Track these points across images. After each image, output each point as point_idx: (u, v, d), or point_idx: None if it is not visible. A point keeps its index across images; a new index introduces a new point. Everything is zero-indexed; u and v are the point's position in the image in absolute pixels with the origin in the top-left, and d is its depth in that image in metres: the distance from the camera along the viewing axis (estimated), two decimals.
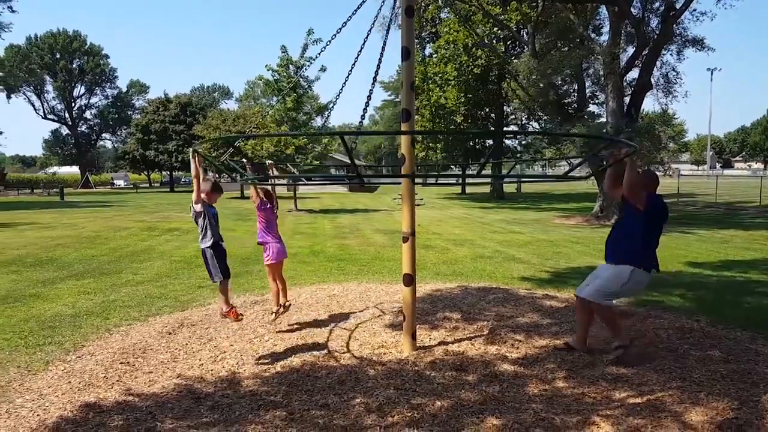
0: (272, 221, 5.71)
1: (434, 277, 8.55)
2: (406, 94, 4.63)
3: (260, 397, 3.92)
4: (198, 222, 4.90)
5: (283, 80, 21.67)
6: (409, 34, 4.62)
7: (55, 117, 75.68)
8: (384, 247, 12.19)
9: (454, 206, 27.45)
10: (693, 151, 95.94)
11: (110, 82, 77.34)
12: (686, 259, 10.05)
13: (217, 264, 4.87)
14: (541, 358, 4.67)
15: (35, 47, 69.45)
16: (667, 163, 21.57)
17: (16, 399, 3.96)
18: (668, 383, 4.09)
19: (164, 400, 3.89)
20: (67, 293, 7.42)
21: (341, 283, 8.14)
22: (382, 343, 5.14)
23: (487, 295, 7.04)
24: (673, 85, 21.59)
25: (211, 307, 6.69)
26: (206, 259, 4.91)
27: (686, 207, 24.04)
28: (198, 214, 4.88)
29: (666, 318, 5.90)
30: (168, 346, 5.15)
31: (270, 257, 5.63)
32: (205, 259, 4.91)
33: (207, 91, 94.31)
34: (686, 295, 7.10)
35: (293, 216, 21.69)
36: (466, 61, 29.78)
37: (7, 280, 8.32)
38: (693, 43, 20.81)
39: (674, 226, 16.20)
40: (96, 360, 4.77)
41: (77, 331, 5.66)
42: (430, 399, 3.83)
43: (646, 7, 20.55)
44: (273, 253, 5.62)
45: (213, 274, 4.91)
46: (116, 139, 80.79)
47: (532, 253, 11.04)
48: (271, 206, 5.71)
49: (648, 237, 4.57)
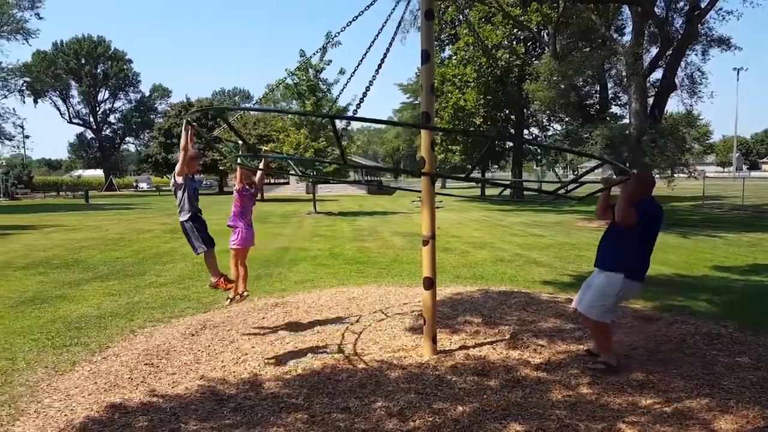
0: (248, 207, 5.68)
1: (454, 280, 8.50)
2: (426, 96, 4.61)
3: (282, 400, 3.93)
4: (177, 194, 4.91)
5: (302, 84, 21.80)
6: (429, 37, 4.61)
7: (80, 121, 77.29)
8: (403, 249, 12.17)
9: (472, 209, 27.31)
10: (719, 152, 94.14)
11: (133, 86, 78.90)
12: (713, 263, 9.86)
13: (199, 235, 4.86)
14: (565, 364, 4.60)
15: (61, 53, 71.02)
16: (692, 165, 21.18)
17: (44, 399, 4.03)
18: (696, 390, 4.01)
19: (188, 402, 3.92)
20: (93, 295, 7.55)
21: (361, 285, 8.14)
22: (402, 347, 5.13)
23: (509, 299, 6.98)
24: (698, 86, 21.27)
25: (232, 309, 6.73)
26: (186, 232, 4.91)
27: (712, 210, 23.59)
28: (178, 187, 4.89)
29: (692, 323, 5.78)
30: (191, 347, 5.20)
31: (237, 242, 5.59)
32: (185, 232, 4.91)
33: (228, 95, 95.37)
34: (713, 300, 6.96)
35: (312, 219, 21.78)
36: (486, 62, 29.65)
37: (34, 282, 8.49)
38: (719, 42, 20.46)
39: (700, 229, 15.91)
40: (121, 361, 4.84)
41: (102, 332, 5.75)
42: (451, 404, 3.80)
43: (670, 6, 20.27)
44: (240, 239, 5.59)
45: (196, 246, 4.91)
46: (139, 142, 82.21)
47: (554, 257, 10.93)
48: (252, 193, 5.69)
49: (642, 247, 4.44)
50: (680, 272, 8.97)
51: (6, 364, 4.74)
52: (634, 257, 4.42)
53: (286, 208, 28.31)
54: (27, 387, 4.26)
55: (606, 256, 4.57)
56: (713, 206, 24.79)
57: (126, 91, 78.27)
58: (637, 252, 4.42)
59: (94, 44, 72.83)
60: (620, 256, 4.41)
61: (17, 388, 4.24)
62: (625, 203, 4.31)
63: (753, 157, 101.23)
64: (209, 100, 60.55)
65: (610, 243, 4.59)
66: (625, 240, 4.41)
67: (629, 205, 4.32)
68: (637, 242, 4.41)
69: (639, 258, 4.45)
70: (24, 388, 4.24)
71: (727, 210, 23.28)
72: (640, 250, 4.44)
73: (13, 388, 4.24)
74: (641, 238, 4.42)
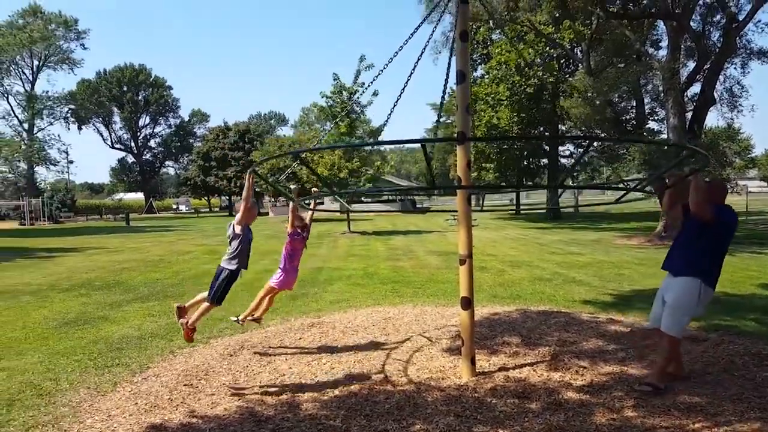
0: (298, 251, 5.74)
1: (491, 299, 8.39)
2: (462, 116, 4.62)
3: (319, 421, 3.92)
4: (232, 243, 4.98)
5: (336, 106, 22.11)
6: (464, 58, 4.64)
7: (122, 146, 79.85)
8: (438, 269, 12.09)
9: (508, 227, 27.01)
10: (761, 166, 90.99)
11: (173, 111, 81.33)
12: (759, 281, 9.49)
13: (223, 288, 4.94)
14: (608, 386, 4.47)
15: (104, 81, 73.80)
16: (734, 179, 20.59)
17: (87, 419, 4.11)
18: (746, 414, 3.84)
19: (226, 423, 3.94)
20: (133, 315, 7.71)
21: (396, 305, 8.10)
22: (440, 368, 5.07)
23: (548, 319, 6.84)
24: (738, 99, 20.69)
25: (269, 329, 6.78)
26: (218, 277, 4.97)
27: (756, 225, 22.78)
28: (235, 236, 4.96)
29: (741, 344, 5.56)
30: (229, 368, 5.25)
31: (277, 282, 5.68)
32: (218, 276, 4.97)
33: (264, 119, 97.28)
34: (761, 319, 6.68)
35: (347, 238, 21.87)
36: (519, 80, 29.55)
37: (77, 303, 8.73)
38: (758, 54, 19.93)
39: (745, 246, 15.36)
40: (161, 382, 4.91)
41: (143, 352, 5.86)
42: (491, 427, 3.73)
43: (706, 20, 19.90)
44: (282, 281, 5.68)
45: (212, 294, 4.95)
46: (178, 165, 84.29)
47: (593, 275, 10.69)
48: (303, 237, 5.73)
49: (717, 252, 4.39)
50: (726, 290, 8.65)
51: (50, 385, 4.86)
52: (709, 260, 4.36)
53: (320, 228, 28.51)
54: (70, 407, 4.35)
55: (680, 263, 4.50)
56: (758, 222, 23.95)
57: (166, 116, 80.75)
58: (713, 259, 4.37)
59: (135, 72, 75.49)
60: (695, 262, 4.36)
61: (60, 408, 4.33)
62: (696, 193, 4.26)
63: None
64: (246, 123, 61.83)
65: (686, 248, 4.50)
66: (700, 245, 4.36)
67: (702, 188, 4.28)
68: (714, 248, 4.36)
69: (713, 261, 4.39)
70: (67, 408, 4.33)
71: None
72: (715, 254, 4.39)
73: (56, 408, 4.33)
74: (715, 240, 4.36)
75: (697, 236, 4.39)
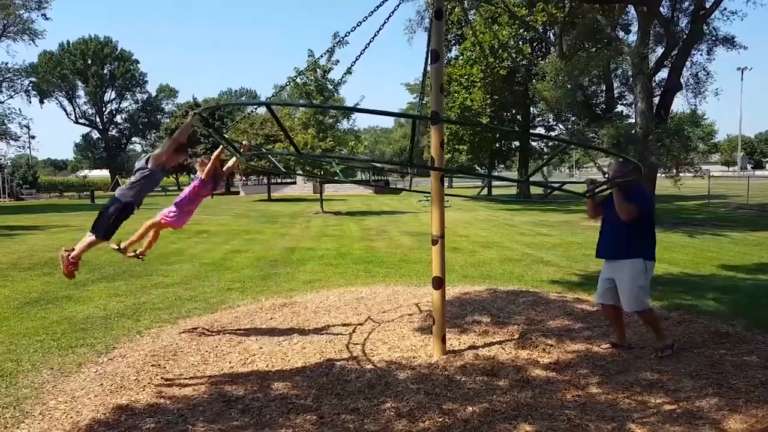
0: (200, 198, 5.52)
1: (462, 279, 8.48)
2: (436, 96, 4.60)
3: (290, 401, 3.92)
4: (137, 174, 4.73)
5: (310, 84, 21.82)
6: (438, 37, 4.60)
7: (87, 121, 77.53)
8: (411, 249, 12.14)
9: (480, 208, 27.25)
10: (723, 152, 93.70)
11: (140, 86, 79.06)
12: (719, 262, 9.80)
13: (112, 221, 4.71)
14: (574, 363, 4.58)
15: (68, 53, 71.29)
16: (698, 164, 21.05)
17: (50, 401, 4.02)
18: (705, 389, 3.98)
19: (195, 403, 3.91)
20: (99, 295, 7.55)
21: (369, 285, 8.12)
22: (411, 347, 5.11)
23: (517, 299, 6.95)
24: (704, 85, 21.09)
25: (239, 309, 6.73)
26: (107, 208, 4.75)
27: (717, 209, 23.47)
28: (143, 170, 4.72)
29: (700, 322, 5.75)
30: (198, 348, 5.20)
31: (170, 219, 5.44)
32: (107, 207, 4.75)
33: (235, 96, 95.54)
34: (720, 298, 6.91)
35: (320, 218, 21.78)
36: (492, 62, 29.60)
37: (40, 282, 8.51)
38: (724, 41, 20.29)
39: (706, 228, 15.84)
40: (127, 362, 4.83)
41: (108, 333, 5.75)
42: (461, 404, 3.78)
43: (676, 6, 20.13)
44: (175, 219, 5.44)
45: (99, 226, 4.74)
46: (146, 142, 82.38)
47: (562, 256, 10.88)
48: (212, 186, 5.55)
49: (647, 229, 4.75)
50: (687, 271, 8.92)
51: (11, 366, 4.73)
52: (643, 240, 4.70)
53: (293, 208, 28.33)
54: (32, 389, 4.24)
55: (614, 246, 4.81)
56: (718, 205, 24.68)
57: (133, 91, 78.48)
58: (644, 234, 4.71)
59: (100, 45, 73.07)
60: (629, 243, 4.67)
61: (22, 390, 4.23)
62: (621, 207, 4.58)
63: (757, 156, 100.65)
64: (216, 99, 60.78)
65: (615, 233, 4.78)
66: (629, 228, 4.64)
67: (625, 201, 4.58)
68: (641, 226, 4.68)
69: (647, 237, 4.74)
70: (29, 390, 4.23)
71: (732, 209, 23.16)
72: (646, 231, 4.74)
73: (18, 390, 4.22)
74: (644, 222, 4.68)
75: (622, 223, 4.66)
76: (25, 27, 53.78)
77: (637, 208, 4.58)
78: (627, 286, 4.69)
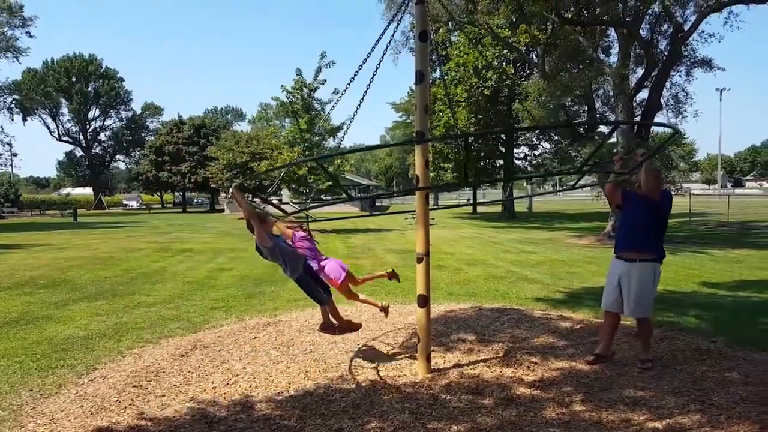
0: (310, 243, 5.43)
1: (447, 297, 8.49)
2: (420, 116, 4.65)
3: (274, 422, 3.88)
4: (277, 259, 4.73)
5: (297, 102, 21.93)
6: (423, 58, 4.67)
7: (70, 139, 76.92)
8: (396, 267, 11.95)
9: (465, 225, 27.37)
10: (704, 170, 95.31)
11: (125, 104, 78.82)
12: (700, 279, 9.92)
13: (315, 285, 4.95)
14: (558, 381, 4.59)
15: (52, 71, 70.92)
16: (678, 182, 21.43)
17: (28, 424, 3.94)
18: (687, 406, 4.01)
19: (177, 425, 3.86)
20: (80, 315, 7.44)
21: (353, 304, 8.07)
22: (396, 366, 5.10)
23: (502, 316, 6.97)
24: (683, 106, 21.54)
25: (223, 329, 6.67)
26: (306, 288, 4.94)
27: (699, 227, 23.80)
28: (270, 251, 4.66)
29: (682, 339, 5.81)
30: (181, 368, 5.13)
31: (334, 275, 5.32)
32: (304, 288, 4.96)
33: (220, 113, 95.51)
34: (702, 315, 6.99)
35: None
36: (476, 82, 29.96)
37: (20, 302, 8.37)
38: (701, 63, 20.80)
39: (687, 245, 16.02)
40: (108, 383, 4.76)
41: (89, 353, 5.66)
42: (446, 423, 3.77)
43: (655, 29, 20.63)
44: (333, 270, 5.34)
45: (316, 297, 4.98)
46: (130, 160, 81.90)
47: (546, 273, 10.95)
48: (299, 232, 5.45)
49: (662, 233, 4.93)
50: (669, 288, 9.01)
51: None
52: (659, 243, 4.89)
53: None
54: (10, 411, 4.16)
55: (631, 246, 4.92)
56: (699, 223, 25.01)
57: (117, 109, 78.15)
58: (659, 237, 4.90)
59: (85, 62, 72.83)
60: (646, 244, 4.84)
61: (0, 412, 4.14)
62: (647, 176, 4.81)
63: (737, 174, 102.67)
64: (201, 118, 60.55)
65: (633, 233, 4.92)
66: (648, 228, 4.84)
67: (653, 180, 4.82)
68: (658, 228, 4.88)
69: (660, 242, 4.92)
70: (7, 412, 4.15)
71: (713, 227, 23.49)
72: (661, 235, 4.92)
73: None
74: (662, 223, 4.89)
75: (644, 222, 4.84)
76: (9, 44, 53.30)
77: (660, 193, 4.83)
78: (638, 290, 4.82)
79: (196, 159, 50.04)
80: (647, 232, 4.86)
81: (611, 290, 5.06)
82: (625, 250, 4.99)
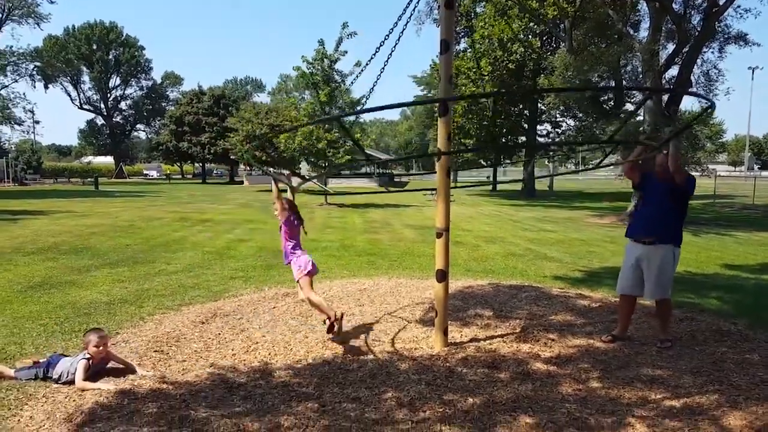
0: (296, 236, 5.20)
1: (465, 273, 8.48)
2: (444, 86, 4.58)
3: (292, 389, 3.93)
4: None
5: (317, 73, 21.76)
6: (449, 27, 4.55)
7: (91, 107, 77.54)
8: (415, 242, 12.14)
9: (484, 203, 27.23)
10: (731, 151, 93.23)
11: (145, 73, 79.00)
12: (723, 261, 9.78)
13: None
14: (575, 358, 4.58)
15: (72, 38, 71.18)
16: (705, 163, 21.00)
17: (53, 385, 4.04)
18: (705, 386, 3.98)
19: (198, 389, 3.93)
20: (102, 281, 7.58)
21: (372, 277, 8.13)
22: (413, 339, 5.12)
23: (519, 293, 6.95)
24: (714, 84, 20.97)
25: (242, 298, 6.75)
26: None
27: (723, 209, 23.38)
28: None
29: (702, 320, 5.75)
30: (201, 335, 5.22)
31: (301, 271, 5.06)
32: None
33: (240, 84, 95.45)
34: (723, 297, 6.91)
35: (324, 210, 21.79)
36: (501, 56, 29.44)
37: (43, 267, 8.54)
38: (736, 39, 20.16)
39: (711, 227, 15.78)
40: (130, 347, 4.85)
41: (112, 318, 5.77)
42: (462, 395, 3.79)
43: (688, 2, 19.98)
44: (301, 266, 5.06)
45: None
46: (150, 130, 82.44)
47: (565, 252, 10.87)
48: (293, 219, 5.17)
49: (683, 216, 4.93)
50: (690, 270, 8.90)
51: (14, 349, 4.76)
52: (679, 225, 4.92)
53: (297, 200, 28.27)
54: None
55: (651, 228, 4.90)
56: (724, 205, 24.57)
57: (138, 77, 78.40)
58: (680, 219, 4.91)
59: (106, 30, 72.92)
60: (666, 226, 4.85)
61: None
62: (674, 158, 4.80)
63: (765, 156, 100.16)
64: (221, 88, 60.56)
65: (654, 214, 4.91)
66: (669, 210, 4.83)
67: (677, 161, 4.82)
68: (679, 211, 4.88)
69: (680, 225, 4.95)
70: None
71: (738, 209, 23.08)
72: (681, 218, 4.92)
73: None
74: (682, 206, 4.88)
75: (666, 204, 4.82)
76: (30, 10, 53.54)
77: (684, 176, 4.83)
78: (658, 272, 4.81)
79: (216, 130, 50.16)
80: (666, 215, 4.82)
81: (629, 274, 5.03)
82: (642, 233, 4.94)
